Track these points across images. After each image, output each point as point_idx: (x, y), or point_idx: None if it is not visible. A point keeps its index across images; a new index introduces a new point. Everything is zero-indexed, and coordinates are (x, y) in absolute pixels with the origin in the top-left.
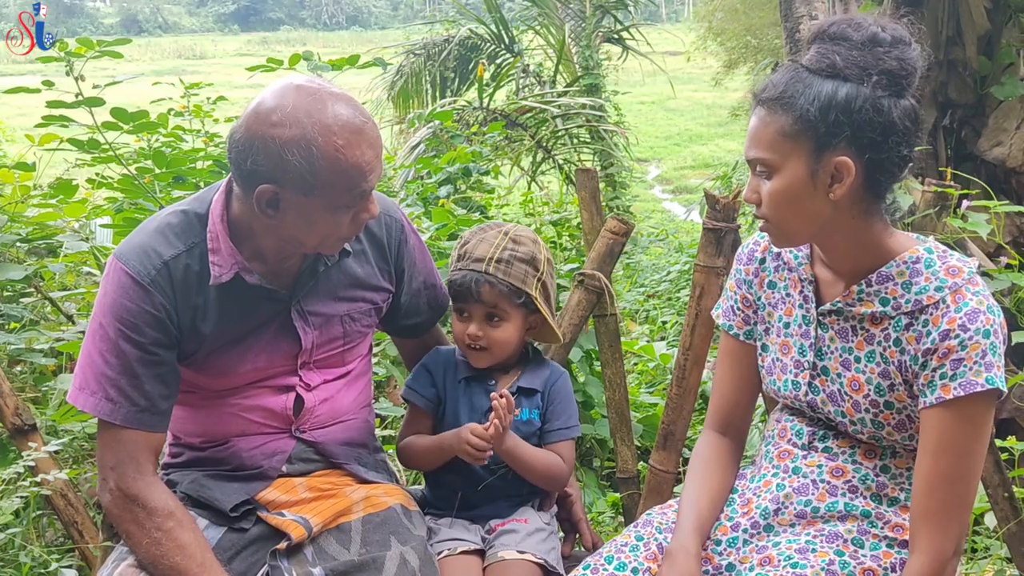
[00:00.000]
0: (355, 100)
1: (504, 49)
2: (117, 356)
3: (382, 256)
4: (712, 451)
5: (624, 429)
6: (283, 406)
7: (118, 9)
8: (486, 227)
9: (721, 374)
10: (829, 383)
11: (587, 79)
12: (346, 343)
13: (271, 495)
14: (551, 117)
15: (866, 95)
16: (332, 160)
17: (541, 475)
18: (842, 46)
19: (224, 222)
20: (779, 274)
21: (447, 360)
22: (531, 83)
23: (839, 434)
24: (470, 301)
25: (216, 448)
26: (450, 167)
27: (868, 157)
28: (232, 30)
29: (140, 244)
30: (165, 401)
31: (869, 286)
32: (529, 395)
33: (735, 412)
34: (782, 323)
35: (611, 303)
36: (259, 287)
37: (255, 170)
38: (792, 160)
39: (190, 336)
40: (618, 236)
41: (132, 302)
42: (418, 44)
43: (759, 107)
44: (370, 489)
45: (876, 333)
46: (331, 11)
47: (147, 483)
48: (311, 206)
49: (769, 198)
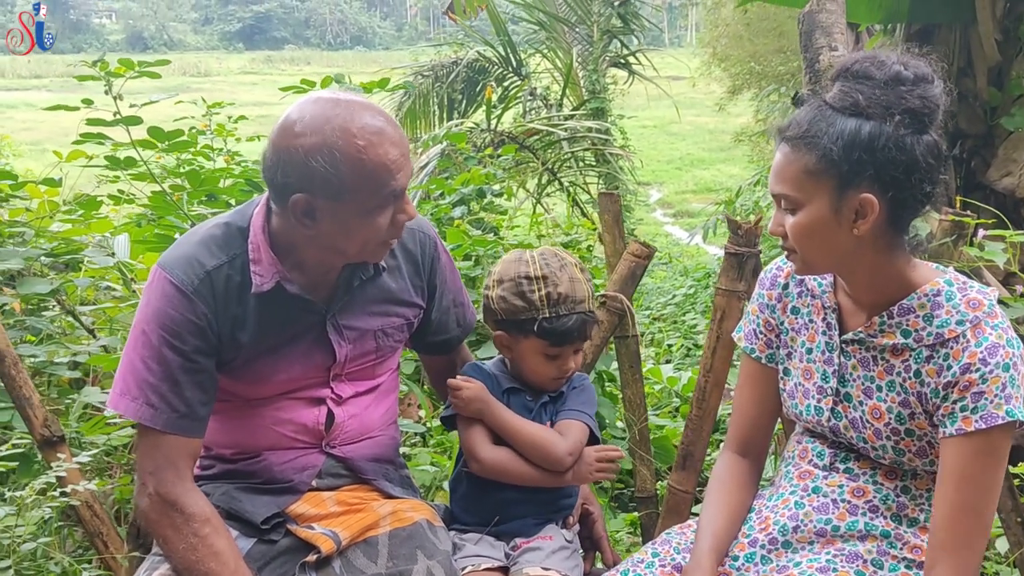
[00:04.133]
0: (376, 106)
1: (512, 72)
2: (159, 363)
3: (416, 272)
4: (731, 472)
5: (643, 449)
6: (315, 421)
7: (124, 26)
8: (552, 259)
9: (741, 396)
10: (851, 410)
11: (593, 103)
12: (378, 357)
13: (301, 508)
14: (558, 140)
15: (889, 133)
16: (355, 162)
17: (526, 443)
18: (865, 84)
19: (265, 233)
20: (802, 300)
21: (489, 374)
22: (538, 106)
23: (860, 456)
24: (575, 342)
25: (248, 461)
26: (464, 188)
27: (891, 195)
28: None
29: (184, 254)
30: (204, 407)
31: (891, 318)
32: (556, 401)
33: (755, 434)
34: (804, 348)
35: (632, 325)
36: (298, 297)
37: (286, 182)
38: (816, 197)
39: (229, 344)
40: (640, 259)
41: (176, 310)
42: (426, 66)
43: (784, 144)
44: (396, 504)
45: (896, 364)
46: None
47: (185, 489)
48: (344, 211)
49: (794, 232)
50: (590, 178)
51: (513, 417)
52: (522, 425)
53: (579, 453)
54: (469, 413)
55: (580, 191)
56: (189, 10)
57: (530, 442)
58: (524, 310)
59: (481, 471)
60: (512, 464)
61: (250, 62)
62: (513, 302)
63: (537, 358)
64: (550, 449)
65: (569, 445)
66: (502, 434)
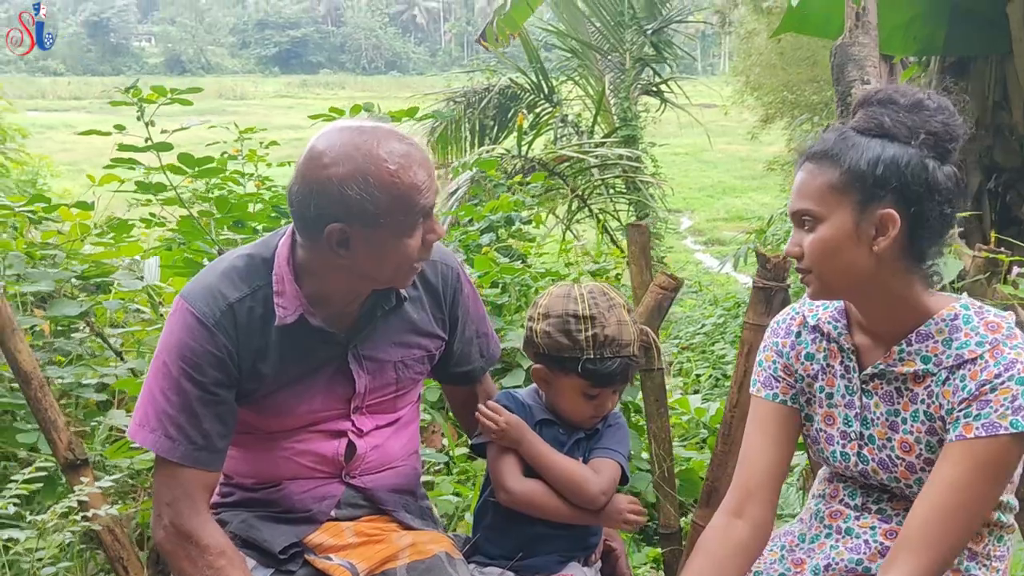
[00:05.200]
0: (399, 130)
1: (543, 99)
2: (178, 394)
3: (436, 303)
4: (722, 541)
5: (668, 484)
6: (335, 451)
7: (163, 49)
8: (601, 298)
9: (751, 442)
10: (877, 451)
11: (625, 130)
12: (398, 389)
13: (319, 538)
14: (588, 167)
15: (913, 153)
16: (389, 185)
17: (561, 478)
18: (889, 108)
19: (290, 265)
20: (816, 345)
21: (522, 403)
22: (569, 133)
23: (894, 496)
24: (616, 384)
25: (268, 490)
26: (492, 215)
27: (913, 211)
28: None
29: (207, 286)
30: (222, 440)
31: (909, 345)
32: (591, 437)
33: (760, 488)
34: (824, 394)
35: (658, 358)
36: (320, 330)
37: (319, 214)
38: (838, 211)
39: (250, 377)
40: (667, 291)
41: (196, 342)
42: (459, 92)
43: (807, 162)
44: (416, 536)
45: (919, 392)
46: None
47: (201, 521)
48: (379, 237)
49: (812, 247)
50: (620, 205)
51: (549, 450)
52: (558, 459)
53: (612, 493)
54: (504, 442)
55: (610, 218)
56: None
57: (565, 477)
58: (568, 348)
59: (509, 502)
60: (542, 498)
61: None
62: (558, 339)
63: (575, 396)
64: (585, 486)
65: (604, 484)
66: (536, 467)
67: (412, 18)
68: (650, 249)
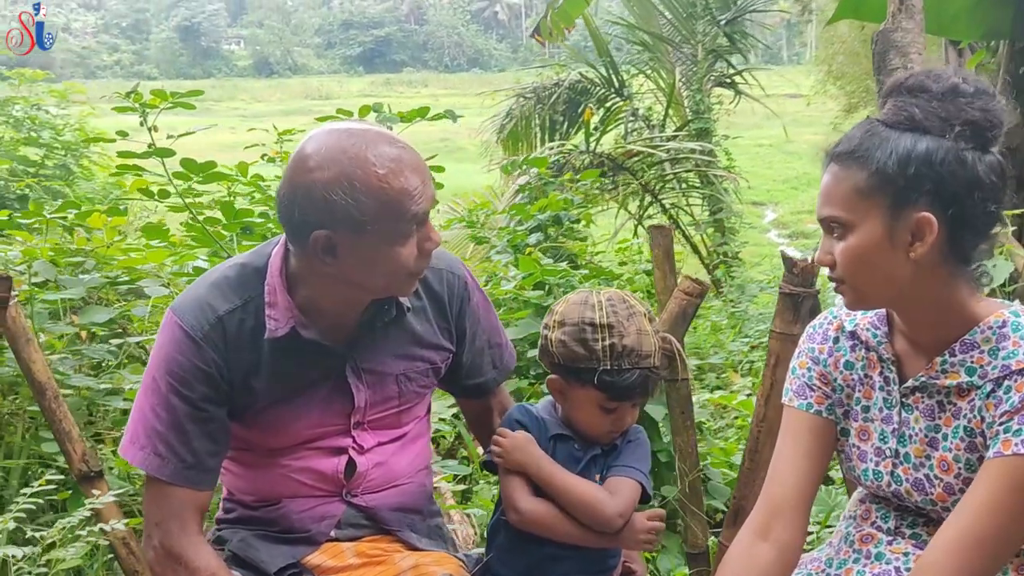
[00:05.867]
0: (392, 135)
1: (613, 93)
2: (167, 410)
3: (442, 314)
4: (743, 568)
5: (695, 501)
6: (334, 469)
7: (251, 52)
8: (620, 306)
9: (782, 456)
10: (912, 471)
11: (697, 123)
12: (402, 403)
13: (318, 559)
14: (660, 161)
15: (948, 147)
16: (376, 191)
17: (574, 501)
18: (921, 98)
19: (283, 276)
20: (855, 354)
21: (536, 417)
22: (640, 127)
23: (930, 520)
24: (635, 398)
25: (267, 508)
26: (541, 215)
27: (951, 213)
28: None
29: (196, 298)
30: (213, 458)
31: (953, 355)
32: (608, 454)
33: (787, 508)
34: (860, 406)
35: (683, 368)
36: (314, 342)
37: (304, 220)
38: (868, 218)
39: (242, 392)
40: (692, 297)
41: (184, 356)
42: (528, 88)
43: (832, 163)
44: (420, 557)
45: (963, 406)
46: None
47: (190, 542)
48: (367, 244)
49: (843, 257)
50: (694, 200)
51: (559, 472)
52: (569, 481)
53: (629, 515)
54: (510, 465)
55: (683, 213)
56: (312, 35)
57: (578, 500)
58: (584, 358)
59: (520, 523)
60: (554, 520)
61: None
62: (573, 348)
63: (592, 409)
64: (600, 509)
65: (620, 506)
66: (547, 489)
67: (494, 14)
68: (673, 252)
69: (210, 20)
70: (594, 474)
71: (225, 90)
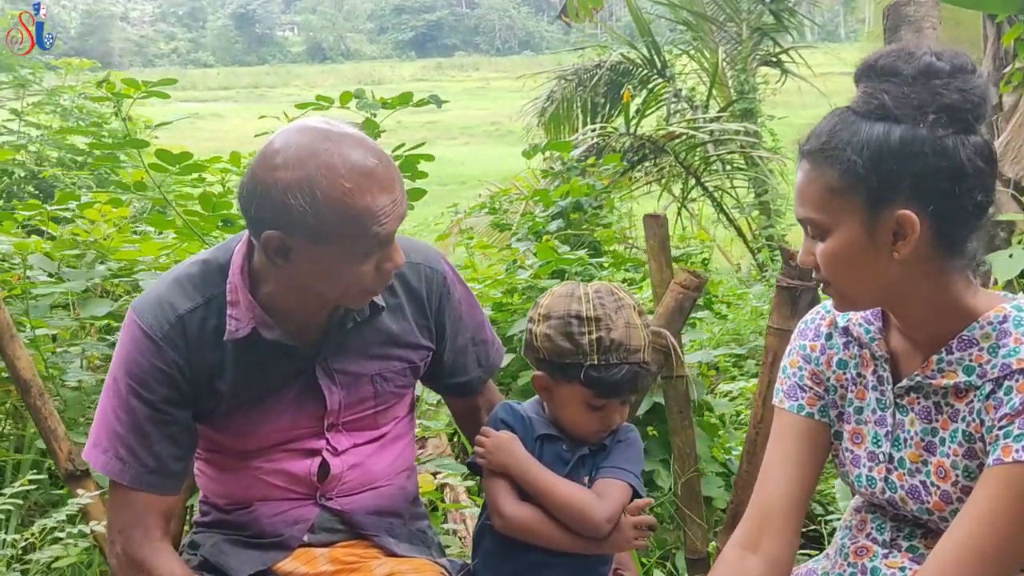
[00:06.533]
0: (370, 141)
1: (656, 74)
2: (127, 413)
3: (420, 310)
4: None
5: (694, 505)
6: (307, 471)
7: (304, 38)
8: (608, 298)
9: (771, 459)
10: (907, 477)
11: (741, 103)
12: (378, 404)
13: (290, 566)
14: (702, 143)
15: (924, 137)
16: (338, 205)
17: (559, 505)
18: (891, 83)
19: (244, 273)
20: (848, 351)
21: (522, 416)
22: (683, 108)
23: (928, 532)
24: (623, 395)
25: (239, 512)
26: (563, 200)
27: (933, 209)
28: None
29: (156, 296)
30: (177, 462)
31: (950, 353)
32: (597, 454)
33: (776, 517)
34: (852, 408)
35: (679, 364)
36: (278, 343)
37: (260, 217)
38: (845, 219)
39: (205, 394)
40: (689, 291)
41: (143, 357)
42: (569, 70)
43: (803, 160)
44: (397, 564)
45: (961, 408)
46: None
47: (153, 549)
48: (324, 255)
49: (824, 260)
50: (738, 182)
51: (544, 474)
52: (554, 484)
53: (617, 519)
54: (492, 466)
55: (727, 196)
56: (365, 21)
57: (564, 504)
58: (570, 353)
59: (504, 528)
60: (539, 525)
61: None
62: (558, 343)
63: (579, 407)
64: (587, 513)
65: (609, 510)
66: (531, 492)
67: None
68: (669, 243)
69: (264, 7)
70: (583, 476)
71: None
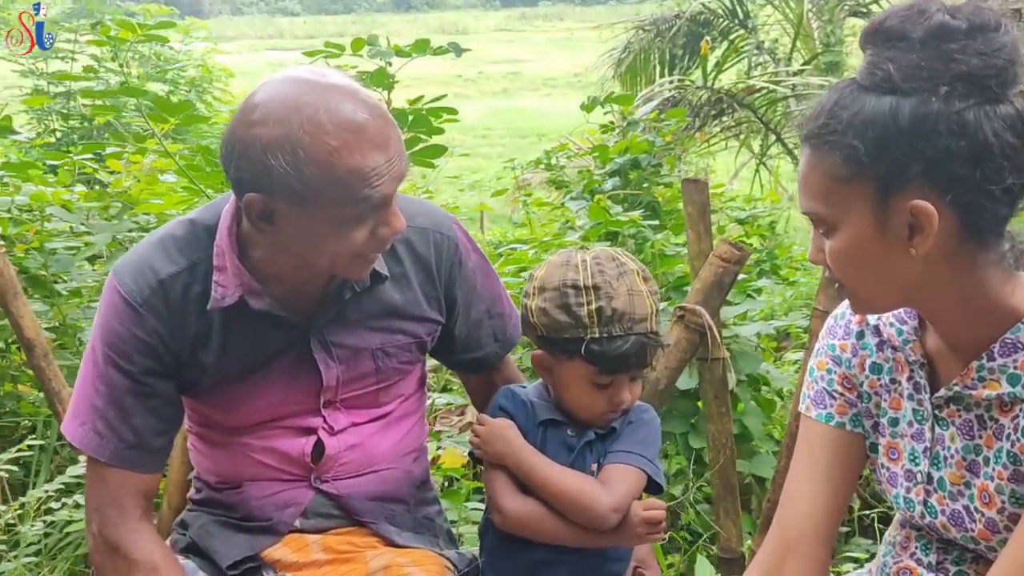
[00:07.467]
0: (363, 92)
1: (737, 24)
2: (106, 384)
3: (429, 280)
4: None
5: (729, 500)
6: (300, 450)
7: None
8: (608, 264)
9: (798, 476)
10: (949, 501)
11: (827, 56)
12: (380, 380)
13: (279, 553)
14: (784, 97)
15: (937, 113)
16: (324, 165)
17: (560, 496)
18: (898, 49)
19: (233, 236)
20: (882, 354)
21: (523, 401)
22: (764, 60)
23: (979, 558)
24: (631, 369)
25: (229, 491)
26: (620, 157)
27: (953, 197)
28: (494, 6)
29: (138, 259)
30: (159, 437)
31: (991, 359)
32: (606, 438)
33: (802, 539)
34: (887, 419)
35: (715, 346)
36: (267, 313)
37: (240, 177)
38: (853, 211)
39: (189, 365)
40: (729, 264)
41: (122, 325)
42: (647, 20)
43: (804, 145)
44: (396, 555)
45: (1006, 424)
46: None
47: (129, 529)
48: (310, 219)
49: (833, 259)
50: None
51: (542, 463)
52: (554, 474)
53: (626, 509)
54: (489, 457)
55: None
56: None
57: (565, 495)
58: (569, 327)
59: (504, 525)
60: (541, 519)
61: (506, 19)
62: (556, 316)
63: (583, 386)
64: (590, 504)
65: (615, 499)
66: (530, 484)
67: None
68: (709, 210)
69: None
70: (590, 463)
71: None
